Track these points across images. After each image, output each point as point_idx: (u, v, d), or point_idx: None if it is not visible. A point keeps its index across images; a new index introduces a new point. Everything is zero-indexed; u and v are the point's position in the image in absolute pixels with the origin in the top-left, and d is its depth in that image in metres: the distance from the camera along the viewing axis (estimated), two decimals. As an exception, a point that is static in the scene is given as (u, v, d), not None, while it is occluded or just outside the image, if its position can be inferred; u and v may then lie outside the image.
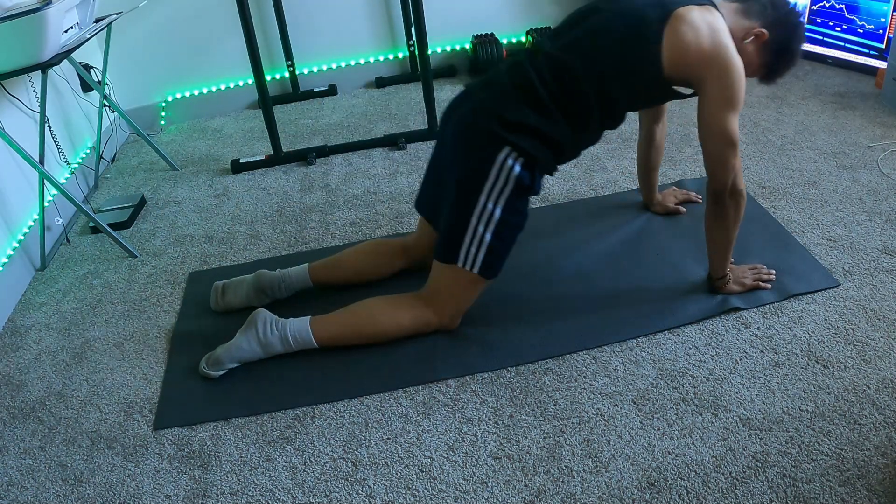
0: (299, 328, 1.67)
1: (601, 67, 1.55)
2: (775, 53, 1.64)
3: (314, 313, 1.70)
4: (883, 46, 2.91)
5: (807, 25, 3.28)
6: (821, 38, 3.19)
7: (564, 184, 2.37)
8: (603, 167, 2.46)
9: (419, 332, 1.70)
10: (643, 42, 1.53)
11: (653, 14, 1.53)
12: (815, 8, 3.26)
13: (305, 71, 3.50)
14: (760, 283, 1.76)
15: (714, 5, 1.59)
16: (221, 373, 1.67)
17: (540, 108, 1.56)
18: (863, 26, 2.99)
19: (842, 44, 3.08)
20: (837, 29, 3.11)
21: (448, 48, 3.58)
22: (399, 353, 1.68)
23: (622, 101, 1.61)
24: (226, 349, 1.67)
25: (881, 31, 2.91)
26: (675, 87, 1.61)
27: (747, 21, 1.62)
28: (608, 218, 2.14)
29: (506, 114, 1.55)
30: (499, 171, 1.55)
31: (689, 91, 1.63)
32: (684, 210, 2.13)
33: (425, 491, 1.35)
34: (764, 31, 1.61)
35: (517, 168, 1.55)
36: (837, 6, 3.08)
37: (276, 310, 1.80)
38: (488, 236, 1.59)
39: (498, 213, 1.57)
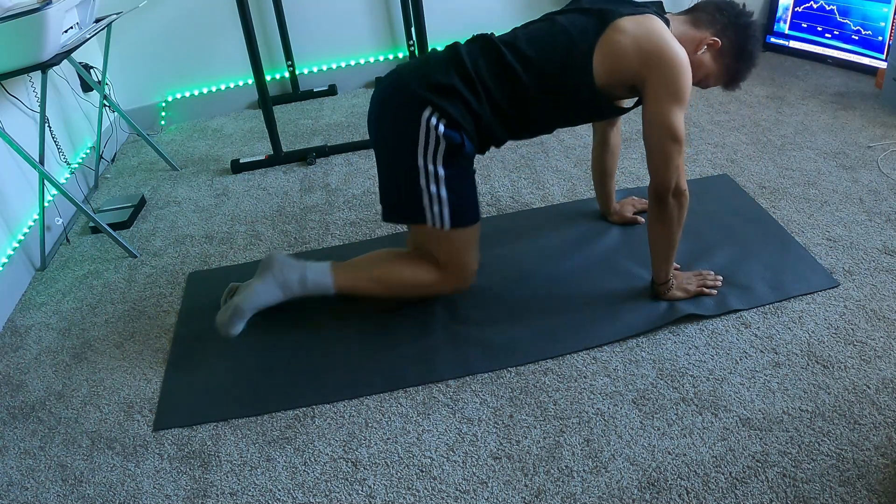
0: (319, 271, 1.66)
1: (533, 71, 1.57)
2: (732, 58, 1.64)
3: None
4: (884, 56, 2.83)
5: (789, 32, 3.21)
6: (807, 45, 3.06)
7: (564, 184, 2.38)
8: (603, 167, 2.45)
9: (437, 293, 1.72)
10: (574, 53, 1.56)
11: (590, 27, 1.57)
12: (799, 10, 3.13)
13: (305, 71, 3.50)
14: (705, 289, 1.74)
15: (657, 13, 1.60)
16: (240, 329, 1.64)
17: (467, 80, 1.57)
18: (858, 31, 2.87)
19: (831, 52, 2.98)
20: (828, 35, 2.97)
21: (448, 48, 3.58)
22: (399, 353, 1.68)
23: (547, 109, 1.62)
24: (243, 298, 1.64)
25: (880, 38, 2.78)
26: (615, 102, 1.62)
27: (697, 32, 1.63)
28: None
29: (430, 76, 1.58)
30: (427, 132, 1.56)
31: (630, 102, 1.65)
32: (642, 220, 2.07)
33: (425, 491, 1.35)
34: (716, 39, 1.62)
35: (441, 127, 1.56)
36: (828, 7, 2.95)
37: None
38: (444, 192, 1.60)
39: (441, 171, 1.59)
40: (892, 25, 2.80)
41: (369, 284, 1.72)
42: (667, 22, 1.61)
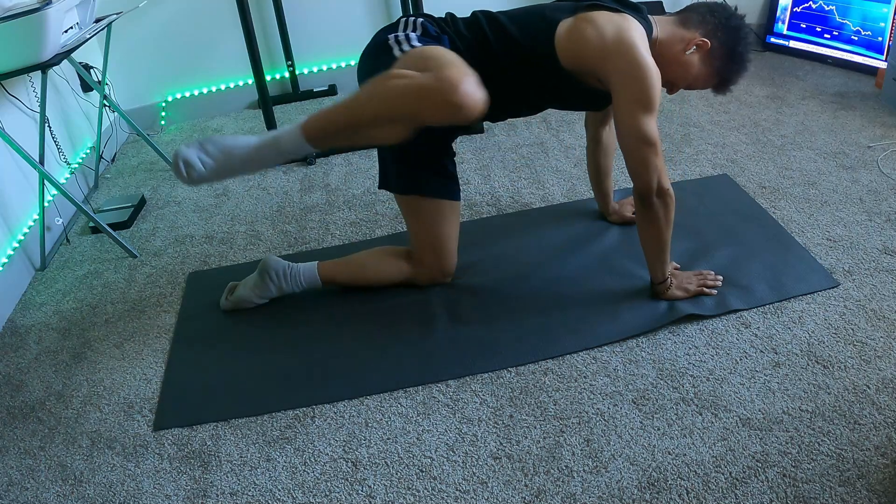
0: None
1: (500, 35, 1.60)
2: (722, 60, 1.62)
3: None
4: (883, 56, 2.82)
5: (788, 32, 3.21)
6: (807, 45, 3.05)
7: (564, 184, 2.38)
8: (603, 167, 2.45)
9: (430, 110, 1.35)
10: (539, 24, 1.57)
11: (565, 9, 1.58)
12: (798, 10, 3.12)
13: (305, 71, 3.50)
14: (705, 289, 1.74)
15: (642, 16, 1.59)
16: (207, 162, 1.47)
17: (440, 23, 1.62)
18: (858, 31, 2.88)
19: (831, 52, 2.97)
20: (827, 35, 2.97)
21: (448, 48, 3.58)
22: (399, 353, 1.68)
23: (515, 77, 1.61)
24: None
25: (880, 39, 2.78)
26: (597, 89, 1.61)
27: (686, 32, 1.62)
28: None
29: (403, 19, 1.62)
30: (405, 24, 1.58)
31: None
32: None
33: (425, 491, 1.35)
34: (705, 39, 1.60)
35: (420, 19, 1.59)
36: (827, 7, 2.95)
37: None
38: (413, 39, 1.52)
39: (413, 37, 1.53)
40: (892, 25, 2.80)
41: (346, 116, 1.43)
42: (650, 25, 1.60)
